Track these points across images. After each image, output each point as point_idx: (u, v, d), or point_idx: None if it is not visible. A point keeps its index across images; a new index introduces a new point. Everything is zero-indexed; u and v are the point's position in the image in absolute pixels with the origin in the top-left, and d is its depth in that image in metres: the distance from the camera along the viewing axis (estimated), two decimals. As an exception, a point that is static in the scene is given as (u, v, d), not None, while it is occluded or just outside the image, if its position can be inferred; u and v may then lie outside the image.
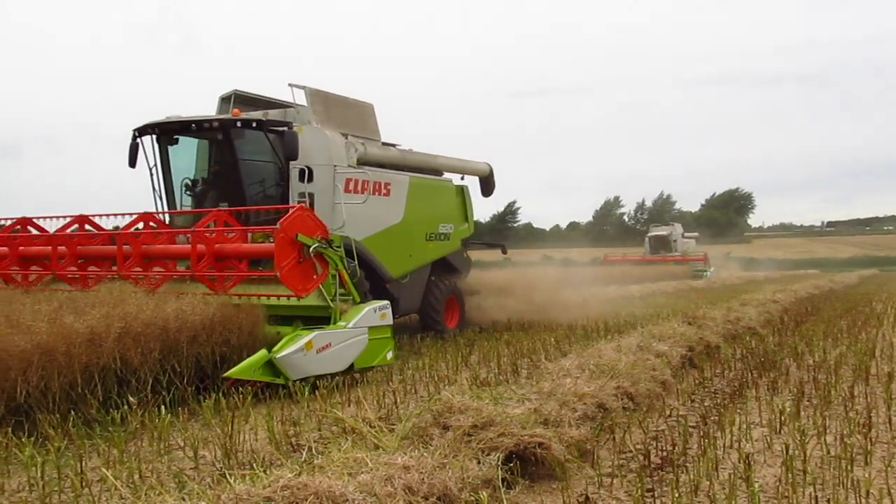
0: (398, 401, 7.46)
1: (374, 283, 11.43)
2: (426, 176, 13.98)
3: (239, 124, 10.57)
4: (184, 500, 3.76)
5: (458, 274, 14.91)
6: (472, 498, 4.18)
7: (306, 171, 10.76)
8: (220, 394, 7.47)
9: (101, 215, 10.54)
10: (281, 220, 8.25)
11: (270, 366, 7.80)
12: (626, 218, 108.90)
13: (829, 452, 5.52)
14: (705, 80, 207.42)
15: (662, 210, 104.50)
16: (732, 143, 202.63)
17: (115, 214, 10.61)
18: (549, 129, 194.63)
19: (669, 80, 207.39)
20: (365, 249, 11.44)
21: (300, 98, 11.62)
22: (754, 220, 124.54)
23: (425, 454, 4.44)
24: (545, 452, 4.93)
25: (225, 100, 11.84)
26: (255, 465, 5.11)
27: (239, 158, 10.66)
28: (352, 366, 8.63)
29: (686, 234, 53.16)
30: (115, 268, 9.48)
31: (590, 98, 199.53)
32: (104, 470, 4.92)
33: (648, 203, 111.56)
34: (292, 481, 3.67)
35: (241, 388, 7.23)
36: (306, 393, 7.33)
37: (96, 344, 7.02)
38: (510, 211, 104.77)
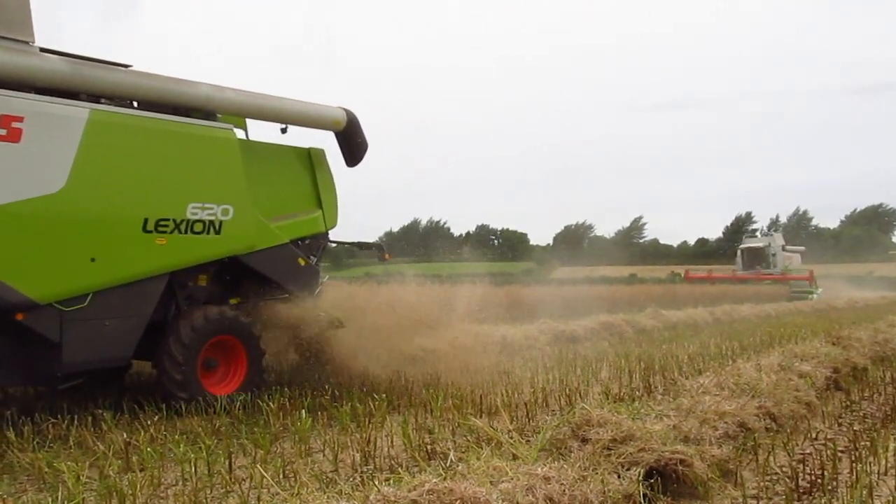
0: (530, 413, 7.47)
1: None
2: (149, 114, 7.79)
3: None
4: (334, 498, 3.92)
5: (277, 292, 9.17)
6: (614, 512, 4.14)
7: None
8: (356, 401, 7.73)
9: None
10: None
11: None
12: (758, 235, 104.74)
13: None
14: (849, 90, 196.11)
15: (798, 226, 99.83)
16: (877, 155, 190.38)
17: None
18: (679, 142, 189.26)
19: (810, 90, 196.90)
20: None
21: None
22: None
23: (565, 466, 4.43)
24: (686, 470, 4.83)
25: None
26: (395, 469, 5.24)
27: None
28: None
29: (788, 248, 45.38)
30: None
31: (723, 109, 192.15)
32: (258, 467, 5.17)
33: (783, 219, 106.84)
34: (438, 485, 3.76)
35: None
36: (439, 402, 7.46)
37: None
38: (636, 227, 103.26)
